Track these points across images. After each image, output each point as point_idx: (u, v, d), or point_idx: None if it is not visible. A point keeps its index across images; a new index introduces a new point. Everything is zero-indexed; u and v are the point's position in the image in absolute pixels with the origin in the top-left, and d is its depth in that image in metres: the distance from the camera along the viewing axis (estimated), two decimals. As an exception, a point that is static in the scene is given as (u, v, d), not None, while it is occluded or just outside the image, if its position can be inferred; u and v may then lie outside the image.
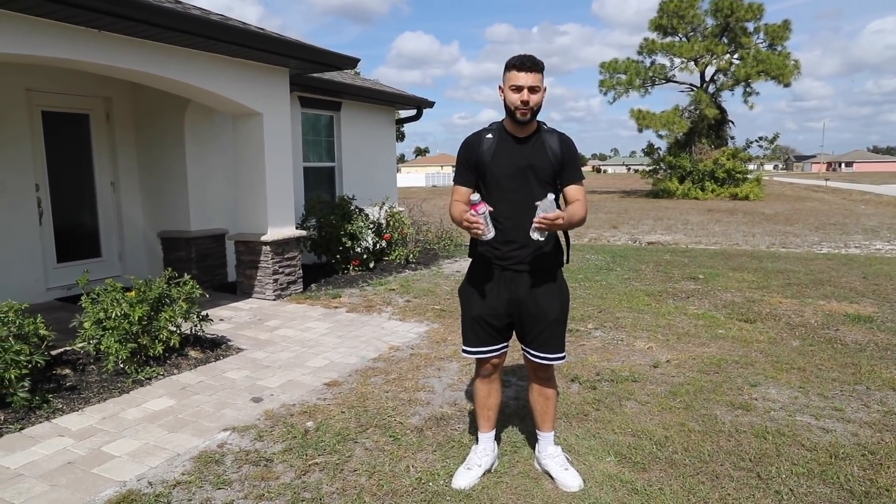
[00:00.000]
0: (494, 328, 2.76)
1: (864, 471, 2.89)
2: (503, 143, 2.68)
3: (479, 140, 2.72)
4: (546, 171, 2.66)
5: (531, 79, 2.53)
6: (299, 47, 6.22)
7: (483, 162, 2.68)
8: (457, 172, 2.81)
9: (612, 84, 31.38)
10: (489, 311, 2.74)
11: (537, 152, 2.65)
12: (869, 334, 5.15)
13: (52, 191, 6.54)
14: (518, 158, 2.65)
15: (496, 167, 2.66)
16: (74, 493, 2.76)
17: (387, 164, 10.65)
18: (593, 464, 2.98)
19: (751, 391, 3.90)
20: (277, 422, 3.49)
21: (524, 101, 2.54)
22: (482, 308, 2.75)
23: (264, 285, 6.59)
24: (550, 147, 2.66)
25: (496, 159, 2.66)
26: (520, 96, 2.54)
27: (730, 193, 27.13)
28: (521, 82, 2.54)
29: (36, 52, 4.35)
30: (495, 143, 2.68)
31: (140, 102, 7.21)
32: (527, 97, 2.53)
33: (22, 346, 3.61)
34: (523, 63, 2.54)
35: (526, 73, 2.53)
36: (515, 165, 2.65)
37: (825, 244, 11.27)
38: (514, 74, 2.55)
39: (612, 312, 5.98)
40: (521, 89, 2.54)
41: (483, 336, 2.77)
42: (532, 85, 2.54)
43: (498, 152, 2.67)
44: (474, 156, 2.71)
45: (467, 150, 2.75)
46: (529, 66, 2.54)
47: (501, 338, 2.80)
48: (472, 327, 2.79)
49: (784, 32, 28.64)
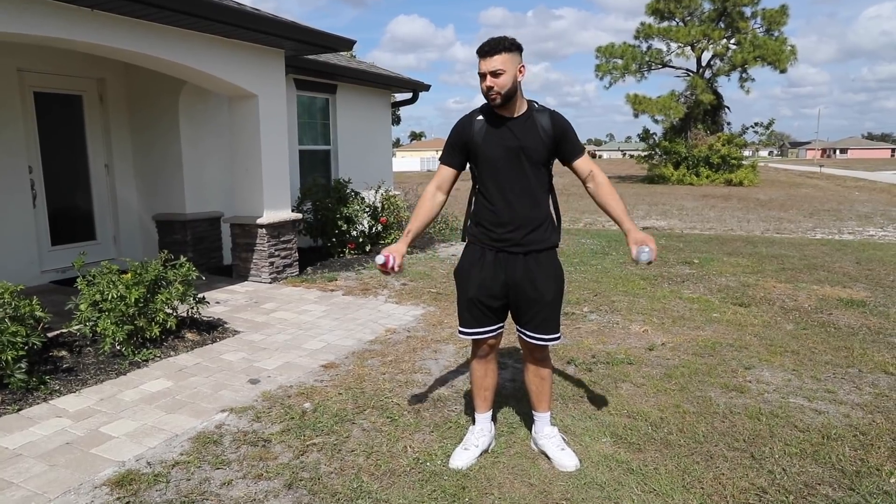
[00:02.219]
0: (490, 309, 2.77)
1: (855, 451, 2.93)
2: (494, 124, 2.66)
3: (470, 122, 2.71)
4: (538, 151, 2.65)
5: (492, 63, 2.50)
6: (294, 28, 6.15)
7: (474, 143, 2.67)
8: (444, 152, 2.81)
9: (608, 69, 31.28)
10: (485, 293, 2.74)
11: (529, 133, 2.64)
12: (861, 318, 5.19)
13: (46, 173, 6.49)
14: (509, 139, 2.64)
15: (487, 148, 2.65)
16: (74, 472, 2.77)
17: (383, 147, 10.60)
18: (589, 444, 3.01)
19: (745, 374, 3.94)
20: (275, 403, 3.51)
21: (488, 87, 2.53)
22: (478, 290, 2.75)
23: (260, 268, 6.59)
24: (542, 126, 2.65)
25: (487, 141, 2.65)
26: (485, 83, 2.53)
27: (725, 179, 27.19)
28: (483, 69, 2.53)
29: (28, 30, 4.29)
30: (486, 125, 2.67)
31: (134, 84, 7.14)
32: (490, 83, 2.52)
33: (18, 327, 3.60)
34: (482, 49, 2.53)
35: (486, 58, 2.51)
36: (506, 146, 2.63)
37: (819, 230, 11.32)
38: (479, 63, 2.55)
39: (607, 296, 6.01)
40: (484, 76, 2.53)
41: (479, 317, 2.78)
42: (493, 69, 2.50)
43: (489, 134, 2.65)
44: (465, 137, 2.71)
45: (458, 132, 2.74)
46: (488, 50, 2.51)
47: (497, 318, 2.81)
48: (468, 309, 2.80)
49: (781, 17, 28.53)
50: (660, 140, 30.75)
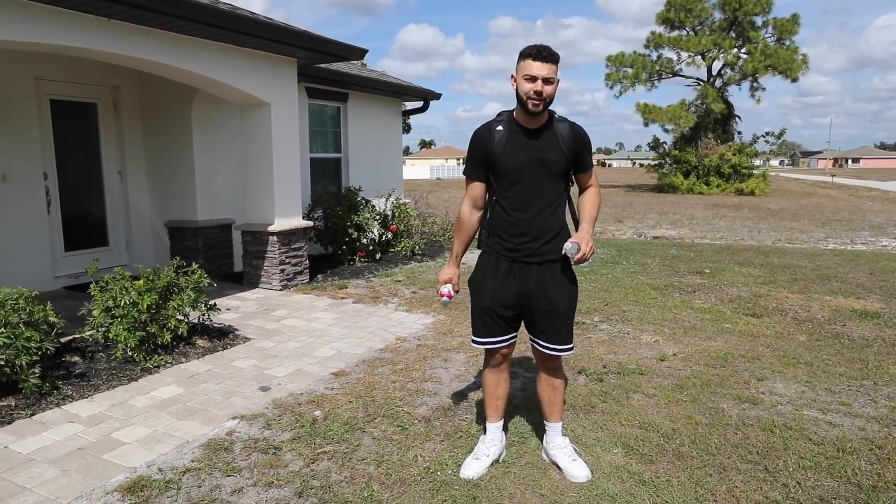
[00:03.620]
0: (504, 319, 2.76)
1: (871, 465, 2.89)
2: (514, 135, 2.63)
3: (489, 132, 2.67)
4: (558, 164, 2.63)
5: (546, 69, 2.48)
6: (307, 37, 6.20)
7: (494, 154, 2.64)
8: (468, 166, 2.77)
9: (618, 78, 31.26)
10: (499, 303, 2.74)
11: (549, 145, 2.62)
12: (876, 330, 5.14)
13: (60, 179, 6.56)
14: (530, 151, 2.61)
15: (507, 160, 2.62)
16: (86, 478, 2.78)
17: (393, 155, 10.64)
18: (601, 455, 2.99)
19: (758, 385, 3.90)
20: (285, 410, 3.51)
21: (538, 92, 2.49)
22: (492, 300, 2.74)
23: (271, 275, 6.61)
24: (563, 138, 2.63)
25: (507, 152, 2.62)
26: (533, 86, 2.49)
27: (735, 188, 27.05)
28: (535, 72, 2.48)
29: (46, 39, 4.35)
30: (506, 136, 2.63)
31: (148, 91, 7.21)
32: (540, 88, 2.49)
33: (32, 332, 3.63)
34: (539, 53, 2.49)
35: (542, 63, 2.48)
36: (527, 158, 2.61)
37: (831, 240, 11.23)
38: (528, 63, 2.50)
39: (618, 306, 5.98)
40: (535, 79, 2.49)
41: (493, 327, 2.78)
42: (547, 76, 2.48)
43: (509, 145, 2.63)
44: (484, 148, 2.67)
45: (477, 143, 2.70)
46: (546, 56, 2.49)
47: (510, 328, 2.81)
48: (481, 318, 2.79)
49: (793, 26, 28.44)
50: (670, 149, 30.66)
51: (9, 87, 6.01)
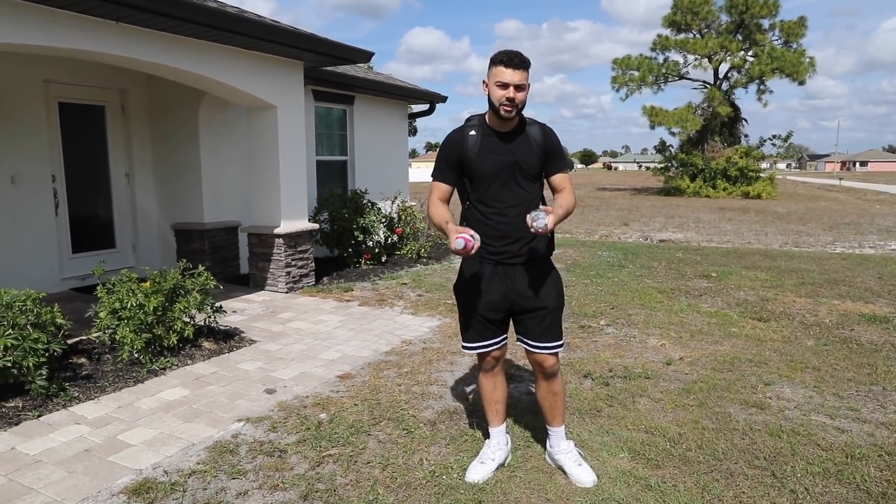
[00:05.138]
0: (493, 321, 2.78)
1: (880, 471, 2.87)
2: (487, 139, 2.66)
3: (462, 137, 2.69)
4: (532, 165, 2.66)
5: (518, 76, 2.50)
6: (314, 40, 6.22)
7: (468, 159, 2.66)
8: (436, 168, 2.76)
9: (624, 80, 31.20)
10: (487, 306, 2.75)
11: (523, 147, 2.65)
12: (885, 335, 5.10)
13: (68, 181, 6.60)
14: (504, 154, 2.64)
15: (482, 164, 2.65)
16: (92, 479, 2.79)
17: (399, 158, 10.65)
18: (606, 460, 2.98)
19: (765, 390, 3.88)
20: (291, 413, 3.51)
21: (510, 99, 2.51)
22: (481, 304, 2.76)
23: (277, 278, 6.62)
24: (535, 139, 2.66)
25: (481, 156, 2.65)
26: (505, 93, 2.51)
27: (742, 192, 26.92)
28: (507, 79, 2.50)
29: (56, 43, 4.38)
30: (479, 140, 2.66)
31: (155, 94, 7.25)
32: (512, 94, 2.51)
33: (39, 334, 3.64)
34: (511, 59, 2.50)
35: (513, 70, 2.50)
36: (501, 161, 2.64)
37: (839, 244, 11.17)
38: (500, 70, 2.51)
39: (624, 309, 5.96)
40: (507, 86, 2.50)
41: (482, 331, 2.79)
42: (518, 83, 2.50)
43: (483, 149, 2.65)
44: (458, 153, 2.69)
45: (450, 148, 2.71)
46: (517, 63, 2.50)
47: (500, 330, 2.82)
48: (470, 323, 2.81)
49: (800, 29, 28.32)
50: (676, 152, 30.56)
51: (18, 89, 6.05)
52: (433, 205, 2.75)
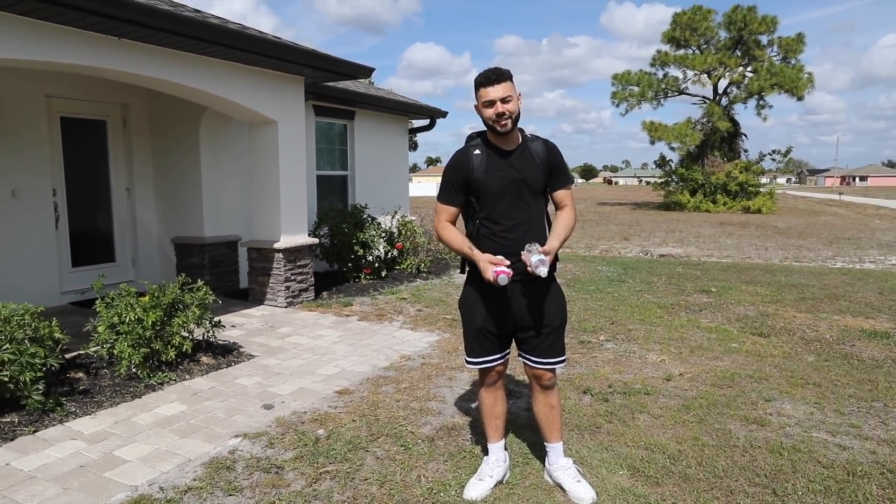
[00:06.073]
0: (496, 337, 2.79)
1: (882, 489, 2.84)
2: (492, 157, 2.69)
3: (467, 158, 2.71)
4: (538, 181, 2.70)
5: (500, 90, 2.56)
6: (315, 56, 6.27)
7: (475, 178, 2.68)
8: (442, 191, 2.78)
9: (624, 96, 31.42)
10: (492, 323, 2.76)
11: (527, 163, 2.68)
12: (886, 350, 5.08)
13: (69, 195, 6.62)
14: (509, 171, 2.67)
15: (489, 182, 2.67)
16: (87, 496, 2.77)
17: (399, 173, 10.68)
18: (606, 477, 2.95)
19: (765, 406, 3.85)
20: (289, 429, 3.49)
21: (500, 114, 2.57)
22: (485, 319, 2.77)
23: (276, 292, 6.62)
24: (538, 155, 2.70)
25: (488, 174, 2.67)
26: (494, 110, 2.57)
27: (742, 206, 26.99)
28: (491, 96, 2.57)
29: (58, 59, 4.42)
30: (484, 159, 2.69)
31: (156, 109, 7.29)
32: (501, 108, 2.56)
33: (37, 348, 3.63)
34: (488, 78, 2.58)
35: (493, 86, 2.57)
36: (508, 179, 2.66)
37: (839, 259, 11.16)
38: (483, 91, 2.59)
39: (624, 325, 5.95)
40: (493, 103, 2.57)
41: (486, 346, 2.80)
42: (503, 96, 2.56)
43: (490, 168, 2.67)
44: (465, 174, 2.70)
45: (457, 170, 2.73)
46: (494, 78, 2.57)
47: (503, 346, 2.83)
48: (475, 338, 2.82)
49: (798, 45, 28.59)
50: (676, 167, 30.69)
51: (20, 104, 6.09)
52: (444, 229, 2.77)
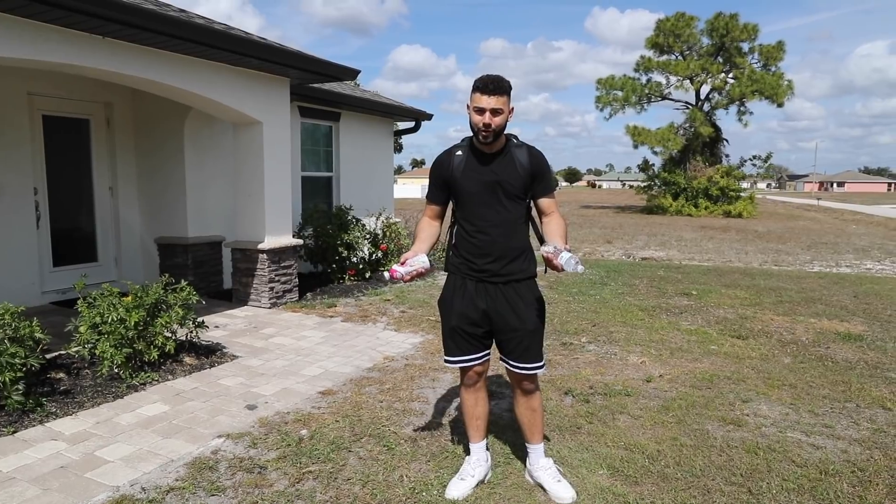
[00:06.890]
0: (474, 336, 2.81)
1: (853, 487, 2.92)
2: (472, 160, 2.74)
3: (449, 158, 2.79)
4: (515, 186, 2.71)
5: (494, 102, 2.55)
6: (300, 57, 6.27)
7: (454, 178, 2.76)
8: (428, 189, 2.91)
9: (608, 100, 31.69)
10: (467, 321, 2.79)
11: (506, 168, 2.71)
12: (859, 352, 5.20)
13: (51, 194, 6.55)
14: (486, 174, 2.71)
15: (466, 183, 2.73)
16: (67, 497, 2.76)
17: (384, 174, 10.70)
18: (586, 476, 3.00)
19: (742, 407, 3.93)
20: (272, 429, 3.50)
21: (486, 124, 2.57)
22: (460, 318, 2.80)
23: (260, 293, 6.60)
24: (519, 162, 2.71)
25: (465, 176, 2.73)
26: (482, 119, 2.57)
27: (723, 211, 27.36)
28: (483, 105, 2.56)
29: (41, 57, 4.39)
30: (465, 160, 2.74)
31: (140, 109, 7.24)
32: (489, 120, 2.56)
33: (17, 348, 3.60)
34: (486, 86, 2.56)
35: (489, 96, 2.55)
36: (484, 181, 2.71)
37: (817, 263, 11.37)
38: (478, 96, 2.57)
39: (605, 327, 6.02)
40: (483, 112, 2.56)
41: (463, 345, 2.82)
42: (495, 108, 2.56)
43: (467, 169, 2.73)
44: (445, 174, 2.79)
45: (438, 169, 2.82)
46: (492, 89, 2.56)
47: (482, 346, 2.85)
48: (451, 336, 2.85)
49: (778, 53, 29.03)
50: (659, 171, 31.01)
51: (1, 102, 6.02)
52: (419, 223, 2.90)
